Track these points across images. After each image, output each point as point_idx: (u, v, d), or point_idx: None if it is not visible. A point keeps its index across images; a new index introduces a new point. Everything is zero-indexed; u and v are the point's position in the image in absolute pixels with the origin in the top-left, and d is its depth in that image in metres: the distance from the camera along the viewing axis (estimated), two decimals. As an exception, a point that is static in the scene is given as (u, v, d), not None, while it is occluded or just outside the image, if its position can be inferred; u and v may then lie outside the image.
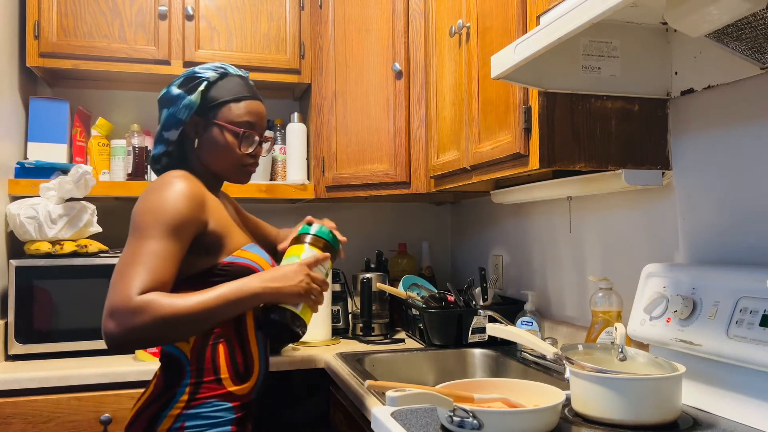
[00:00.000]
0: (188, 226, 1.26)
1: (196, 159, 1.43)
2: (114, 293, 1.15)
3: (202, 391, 1.29)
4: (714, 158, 1.35)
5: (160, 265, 1.19)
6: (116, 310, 1.13)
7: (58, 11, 2.17)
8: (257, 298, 1.27)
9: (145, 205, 1.25)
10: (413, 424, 1.16)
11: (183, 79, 1.40)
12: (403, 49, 2.17)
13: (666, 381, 1.11)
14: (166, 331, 1.16)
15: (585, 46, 1.38)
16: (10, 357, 1.99)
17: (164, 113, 1.39)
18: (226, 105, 1.40)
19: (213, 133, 1.40)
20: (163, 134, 1.40)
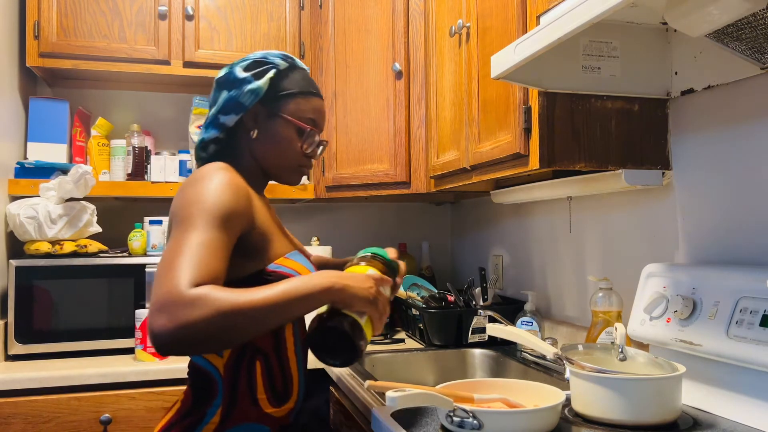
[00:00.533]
0: (236, 218, 1.11)
1: (248, 152, 1.28)
2: (162, 287, 0.96)
3: (236, 412, 1.15)
4: (714, 158, 1.35)
5: (211, 257, 1.02)
6: (167, 305, 0.94)
7: (58, 11, 2.17)
8: (327, 294, 1.05)
9: (186, 197, 1.10)
10: (413, 424, 1.16)
11: (250, 62, 1.26)
12: (403, 49, 2.17)
13: (666, 381, 1.11)
14: (224, 328, 0.96)
15: (585, 46, 1.38)
16: (10, 357, 1.99)
17: (223, 95, 1.25)
18: (294, 98, 1.27)
19: (276, 125, 1.27)
20: (219, 118, 1.25)
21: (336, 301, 1.07)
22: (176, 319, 0.93)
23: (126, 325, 2.06)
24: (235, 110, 1.24)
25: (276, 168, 1.30)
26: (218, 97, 1.27)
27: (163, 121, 2.56)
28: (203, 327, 0.93)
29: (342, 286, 1.06)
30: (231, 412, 1.15)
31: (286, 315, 1.03)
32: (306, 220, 2.72)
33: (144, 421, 1.84)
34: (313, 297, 1.04)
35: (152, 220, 2.22)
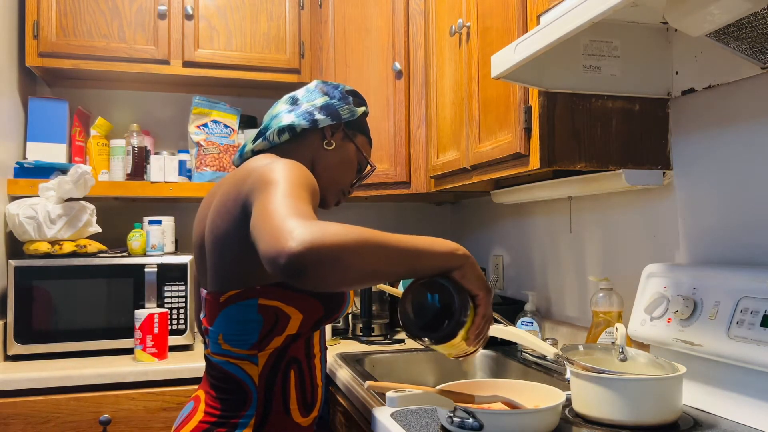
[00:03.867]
0: (315, 192, 1.06)
1: (310, 159, 1.30)
2: (280, 217, 0.88)
3: (270, 422, 1.14)
4: (715, 158, 1.35)
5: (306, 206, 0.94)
6: (295, 226, 0.84)
7: (58, 11, 2.16)
8: (452, 258, 0.95)
9: (261, 174, 1.04)
10: (413, 424, 1.16)
11: (350, 90, 1.38)
12: (403, 48, 2.17)
13: (666, 381, 1.11)
14: (361, 254, 0.85)
15: (585, 45, 1.38)
16: (10, 357, 1.99)
17: (322, 98, 1.33)
18: (368, 138, 1.40)
19: (348, 149, 1.34)
20: (315, 113, 1.30)
21: (457, 268, 0.96)
22: (308, 238, 0.82)
23: (125, 325, 2.06)
24: (331, 115, 1.31)
25: (327, 183, 1.33)
26: (315, 96, 1.34)
27: (163, 121, 2.55)
28: (336, 248, 0.83)
29: (466, 254, 0.97)
30: (265, 422, 1.13)
31: (408, 264, 0.93)
32: (306, 220, 2.72)
33: (143, 421, 1.84)
34: (439, 255, 0.95)
35: (151, 220, 2.21)
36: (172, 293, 2.13)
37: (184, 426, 1.15)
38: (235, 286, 1.12)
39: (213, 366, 1.17)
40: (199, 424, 1.13)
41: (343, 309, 1.21)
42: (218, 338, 1.15)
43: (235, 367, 1.14)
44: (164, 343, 2.00)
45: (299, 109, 1.31)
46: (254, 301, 1.11)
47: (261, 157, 1.15)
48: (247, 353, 1.13)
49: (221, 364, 1.15)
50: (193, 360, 1.97)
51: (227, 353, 1.15)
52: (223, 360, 1.15)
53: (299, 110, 1.31)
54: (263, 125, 1.32)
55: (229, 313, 1.13)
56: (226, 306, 1.13)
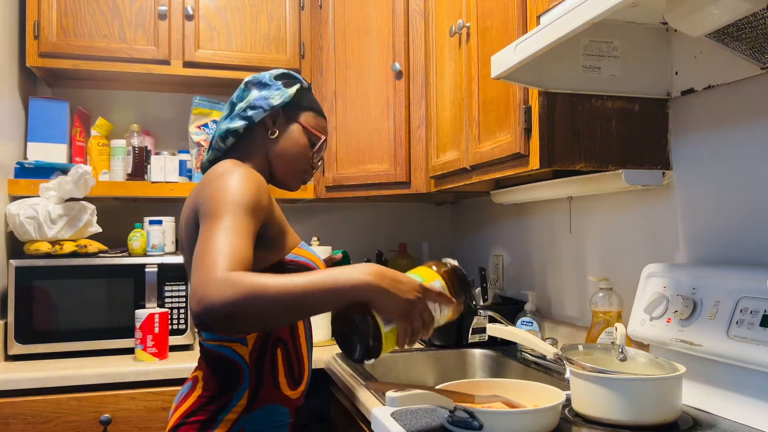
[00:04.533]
0: (259, 208, 1.17)
1: (263, 151, 1.38)
2: (199, 272, 1.00)
3: (261, 394, 1.27)
4: (714, 158, 1.35)
5: (241, 241, 1.07)
6: (203, 285, 0.97)
7: (58, 11, 2.17)
8: (359, 292, 1.00)
9: (211, 191, 1.16)
10: (413, 424, 1.16)
11: (280, 74, 1.41)
12: (403, 49, 2.17)
13: (666, 381, 1.11)
14: (255, 309, 0.96)
15: (585, 46, 1.38)
16: (10, 357, 1.99)
17: (253, 93, 1.37)
18: (311, 112, 1.42)
19: (294, 130, 1.38)
20: (248, 111, 1.35)
21: (369, 300, 1.01)
22: (211, 298, 0.95)
23: (126, 325, 2.06)
24: (264, 108, 1.36)
25: (285, 169, 1.40)
26: (247, 94, 1.38)
27: (163, 121, 2.56)
28: (235, 307, 0.95)
29: (379, 289, 1.00)
30: (257, 395, 1.27)
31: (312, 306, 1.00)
32: (306, 220, 2.72)
33: (144, 421, 1.84)
34: (346, 292, 1.00)
35: (152, 220, 2.22)
36: (173, 293, 2.13)
37: (184, 402, 1.28)
38: None
39: (207, 350, 1.30)
40: (197, 398, 1.26)
41: None
42: None
43: (227, 348, 1.27)
44: (165, 343, 2.00)
45: (234, 111, 1.37)
46: None
47: (217, 166, 1.25)
48: (236, 336, 1.27)
49: (215, 348, 1.28)
50: (193, 360, 1.97)
51: (219, 338, 1.28)
52: (216, 344, 1.28)
53: (234, 113, 1.37)
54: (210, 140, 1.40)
55: None
56: None
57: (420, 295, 1.04)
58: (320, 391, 1.99)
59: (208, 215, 1.12)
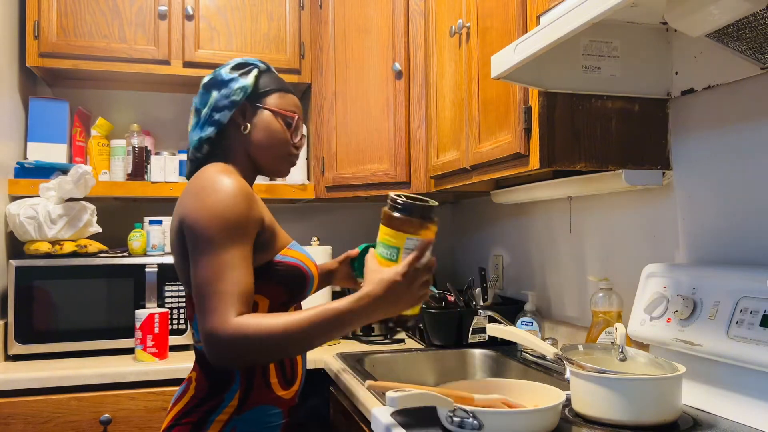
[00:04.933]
0: (252, 225, 1.21)
1: (241, 148, 1.35)
2: (209, 319, 1.09)
3: (252, 395, 1.26)
4: (714, 158, 1.35)
5: (240, 275, 1.14)
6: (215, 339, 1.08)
7: (58, 11, 2.17)
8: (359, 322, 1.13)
9: (204, 211, 1.16)
10: (413, 424, 1.16)
11: (234, 65, 1.36)
12: (403, 49, 2.17)
13: (666, 381, 1.11)
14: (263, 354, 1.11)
15: (585, 46, 1.38)
16: (10, 357, 1.99)
17: (213, 95, 1.33)
18: (278, 92, 1.37)
19: (264, 118, 1.34)
20: (214, 116, 1.31)
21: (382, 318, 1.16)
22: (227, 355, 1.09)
23: (126, 325, 2.06)
24: (228, 107, 1.32)
25: (269, 158, 1.36)
26: (208, 98, 1.34)
27: (163, 121, 2.56)
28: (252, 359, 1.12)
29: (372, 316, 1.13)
30: (248, 396, 1.26)
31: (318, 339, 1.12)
32: (306, 220, 2.72)
33: (144, 421, 1.84)
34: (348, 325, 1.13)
35: (152, 220, 2.22)
36: (173, 293, 2.13)
37: (178, 403, 1.29)
38: None
39: (199, 353, 1.30)
40: (190, 399, 1.27)
41: (306, 292, 1.35)
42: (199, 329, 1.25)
43: None
44: (165, 343, 2.00)
45: (201, 118, 1.34)
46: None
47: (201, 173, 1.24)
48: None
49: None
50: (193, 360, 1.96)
51: None
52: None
53: (201, 120, 1.33)
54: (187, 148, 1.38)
55: None
56: None
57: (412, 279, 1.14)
58: (320, 391, 1.99)
59: (203, 242, 1.14)
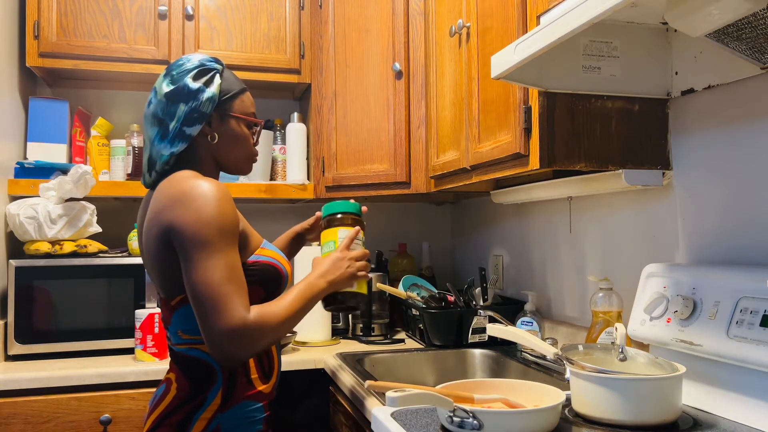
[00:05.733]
0: (237, 227, 1.24)
1: (209, 156, 1.36)
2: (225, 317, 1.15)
3: (235, 392, 1.29)
4: (714, 158, 1.35)
5: (240, 275, 1.20)
6: (238, 334, 1.15)
7: (58, 11, 2.17)
8: (323, 293, 1.36)
9: (196, 217, 1.19)
10: (413, 424, 1.16)
11: (196, 72, 1.32)
12: (403, 49, 2.17)
13: (666, 381, 1.11)
14: (275, 338, 1.23)
15: (585, 46, 1.38)
16: (10, 357, 1.99)
17: (181, 108, 1.30)
18: (238, 97, 1.37)
19: (231, 125, 1.35)
20: (185, 130, 1.29)
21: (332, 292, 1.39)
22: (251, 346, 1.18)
23: (126, 325, 2.06)
24: (198, 120, 1.30)
25: (234, 161, 1.40)
26: (176, 110, 1.30)
27: (163, 121, 2.55)
28: (265, 345, 1.21)
29: (331, 284, 1.36)
30: (231, 393, 1.29)
31: (302, 316, 1.31)
32: (306, 220, 2.72)
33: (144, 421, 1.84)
34: (316, 298, 1.34)
35: (152, 220, 2.21)
36: (173, 293, 2.13)
37: (159, 405, 1.30)
38: (179, 291, 1.27)
39: (178, 354, 1.32)
40: (172, 400, 1.28)
41: (281, 289, 1.39)
42: (177, 332, 1.30)
43: (198, 351, 1.29)
44: (165, 343, 2.00)
45: (169, 131, 1.30)
46: None
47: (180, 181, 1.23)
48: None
49: (185, 351, 1.30)
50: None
51: (189, 341, 1.29)
52: (186, 348, 1.30)
53: (170, 134, 1.30)
54: (148, 155, 1.33)
55: (182, 313, 1.28)
56: (178, 308, 1.29)
57: (347, 256, 1.41)
58: (320, 391, 2.00)
59: (200, 246, 1.17)
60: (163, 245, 1.22)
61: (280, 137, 2.52)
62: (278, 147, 2.50)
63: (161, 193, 1.24)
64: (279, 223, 2.65)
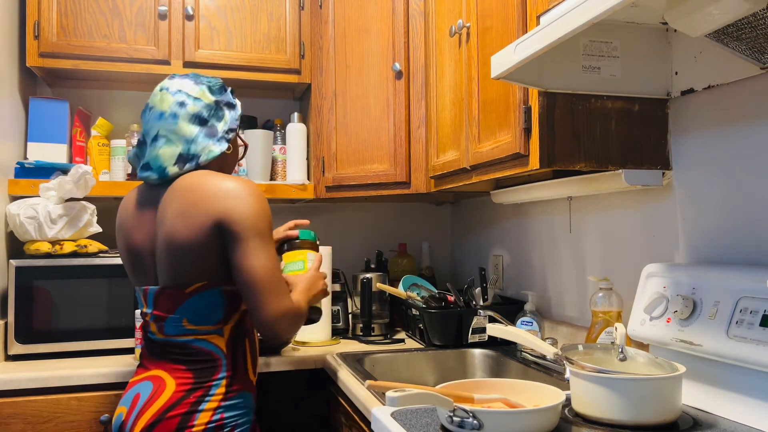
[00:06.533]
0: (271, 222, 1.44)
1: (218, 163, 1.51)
2: (279, 301, 1.32)
3: (236, 382, 1.38)
4: (714, 158, 1.35)
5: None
6: (289, 316, 1.34)
7: (58, 11, 2.17)
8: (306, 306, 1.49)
9: (255, 208, 1.36)
10: (413, 424, 1.16)
11: (229, 89, 1.54)
12: (403, 49, 2.17)
13: (666, 381, 1.11)
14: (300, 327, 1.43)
15: (585, 46, 1.38)
16: (10, 357, 1.99)
17: (228, 115, 1.51)
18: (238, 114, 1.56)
19: (236, 143, 1.58)
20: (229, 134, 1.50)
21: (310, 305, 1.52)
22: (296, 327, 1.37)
23: (126, 325, 2.06)
24: (235, 130, 1.52)
25: (229, 173, 1.57)
26: (223, 115, 1.50)
27: (163, 121, 2.55)
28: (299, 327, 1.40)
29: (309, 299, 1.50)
30: (232, 383, 1.37)
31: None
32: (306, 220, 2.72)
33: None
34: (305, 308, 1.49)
35: (152, 220, 2.21)
36: (173, 293, 2.13)
37: (153, 403, 1.32)
38: (200, 279, 1.37)
39: (175, 345, 1.38)
40: (173, 394, 1.32)
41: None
42: (181, 322, 1.38)
43: (203, 341, 1.37)
44: (165, 343, 2.00)
45: (218, 132, 1.48)
46: (219, 288, 1.39)
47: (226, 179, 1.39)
48: (213, 328, 1.39)
49: (189, 342, 1.37)
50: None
51: (193, 332, 1.37)
52: (189, 338, 1.37)
53: (218, 134, 1.48)
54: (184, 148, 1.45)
55: (194, 301, 1.37)
56: (192, 296, 1.37)
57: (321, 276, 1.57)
58: (320, 391, 2.00)
59: (258, 238, 1.34)
60: (208, 231, 1.33)
61: (280, 137, 2.52)
62: (278, 147, 2.50)
63: (204, 185, 1.37)
64: (279, 224, 2.65)
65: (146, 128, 1.49)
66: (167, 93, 1.47)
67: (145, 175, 1.47)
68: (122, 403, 1.42)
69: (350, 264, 2.67)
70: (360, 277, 2.30)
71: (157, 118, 1.46)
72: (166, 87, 1.49)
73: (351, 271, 2.59)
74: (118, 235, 1.53)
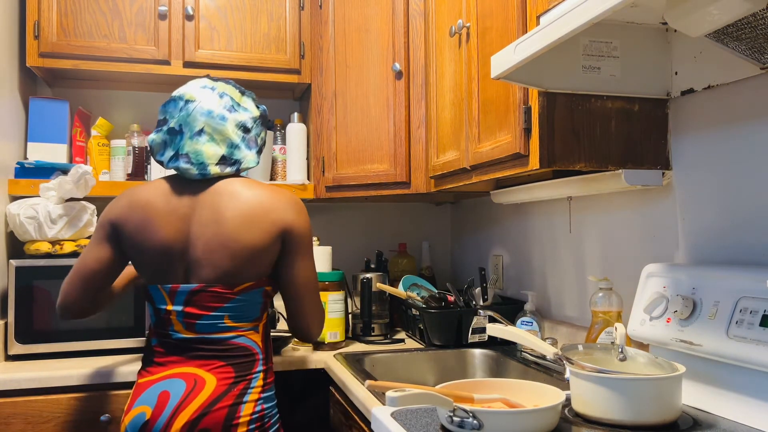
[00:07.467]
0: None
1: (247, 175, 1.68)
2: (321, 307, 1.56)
3: (269, 375, 1.49)
4: (714, 158, 1.35)
5: None
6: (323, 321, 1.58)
7: (58, 11, 2.17)
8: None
9: (309, 224, 1.52)
10: (413, 424, 1.16)
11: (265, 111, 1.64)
12: (403, 49, 2.17)
13: (666, 381, 1.11)
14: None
15: (585, 46, 1.38)
16: (10, 357, 1.99)
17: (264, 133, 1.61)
18: None
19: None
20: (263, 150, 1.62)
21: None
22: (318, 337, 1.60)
23: (126, 325, 2.06)
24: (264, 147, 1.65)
25: None
26: (260, 131, 1.59)
27: (163, 121, 2.55)
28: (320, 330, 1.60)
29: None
30: (267, 375, 1.48)
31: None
32: (306, 220, 2.72)
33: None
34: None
35: (152, 220, 2.21)
36: (173, 293, 2.13)
37: (194, 398, 1.36)
38: (249, 279, 1.45)
39: (209, 341, 1.42)
40: (216, 387, 1.38)
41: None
42: (222, 319, 1.44)
43: (244, 338, 1.45)
44: (165, 343, 2.00)
45: (257, 144, 1.57)
46: (262, 288, 1.48)
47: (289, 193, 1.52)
48: (251, 325, 1.48)
49: (229, 339, 1.44)
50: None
51: (234, 329, 1.44)
52: (230, 335, 1.44)
53: (257, 147, 1.57)
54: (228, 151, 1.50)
55: (240, 300, 1.45)
56: (238, 295, 1.44)
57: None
58: (320, 391, 2.00)
59: (309, 249, 1.51)
60: (272, 238, 1.44)
61: (280, 137, 2.52)
62: (278, 147, 2.50)
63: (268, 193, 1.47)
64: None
65: (184, 119, 1.46)
66: (213, 92, 1.50)
67: (179, 164, 1.46)
68: (142, 403, 1.38)
69: (350, 264, 2.67)
70: (360, 277, 2.30)
71: (203, 114, 1.46)
72: (210, 86, 1.52)
73: (351, 271, 2.59)
74: (137, 229, 1.43)
